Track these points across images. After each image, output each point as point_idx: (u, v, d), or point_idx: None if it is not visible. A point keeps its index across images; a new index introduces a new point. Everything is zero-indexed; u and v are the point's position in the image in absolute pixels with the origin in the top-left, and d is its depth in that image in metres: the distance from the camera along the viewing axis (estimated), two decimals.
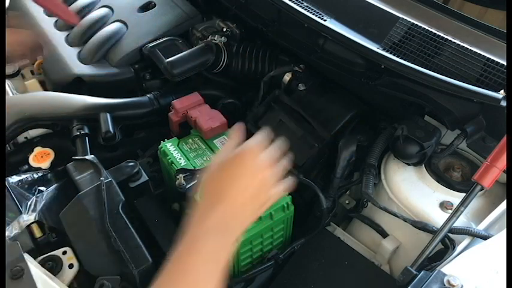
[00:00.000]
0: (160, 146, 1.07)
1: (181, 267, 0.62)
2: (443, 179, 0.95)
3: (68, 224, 0.87)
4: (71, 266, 0.82)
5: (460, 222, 0.85)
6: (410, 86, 0.94)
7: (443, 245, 0.85)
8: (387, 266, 0.99)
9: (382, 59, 0.93)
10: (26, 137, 1.16)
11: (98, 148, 1.10)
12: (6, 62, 1.44)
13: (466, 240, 0.80)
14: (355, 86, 1.10)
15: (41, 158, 1.08)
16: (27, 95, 1.27)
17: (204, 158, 1.04)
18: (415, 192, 0.94)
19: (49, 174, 0.99)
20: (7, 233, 0.83)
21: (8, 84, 1.33)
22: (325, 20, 1.01)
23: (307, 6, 1.06)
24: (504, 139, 0.80)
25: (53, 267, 0.81)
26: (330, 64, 1.08)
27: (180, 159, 1.03)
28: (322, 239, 1.01)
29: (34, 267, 0.74)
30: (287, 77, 1.20)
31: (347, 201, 1.11)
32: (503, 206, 0.84)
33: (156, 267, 0.83)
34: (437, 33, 0.95)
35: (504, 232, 0.74)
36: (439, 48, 0.93)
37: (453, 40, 0.93)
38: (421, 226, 0.88)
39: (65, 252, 0.83)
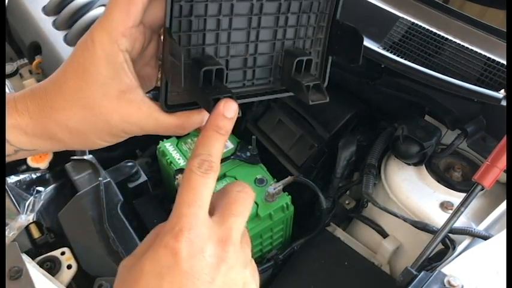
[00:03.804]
0: (159, 146, 1.07)
1: None
2: (444, 179, 0.95)
3: (67, 224, 0.87)
4: (69, 266, 0.82)
5: (461, 222, 0.84)
6: (411, 85, 0.93)
7: (443, 245, 0.84)
8: (387, 266, 0.99)
9: (382, 59, 0.92)
10: None
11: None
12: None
13: (467, 241, 0.80)
14: (355, 85, 1.09)
15: (40, 158, 1.07)
16: None
17: None
18: (415, 192, 0.94)
19: (47, 174, 0.99)
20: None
21: (7, 84, 1.32)
22: None
23: None
24: (504, 139, 0.79)
25: (52, 267, 0.81)
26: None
27: (179, 159, 1.03)
28: (322, 239, 1.00)
29: (32, 267, 0.74)
30: None
31: (347, 202, 1.11)
32: (503, 206, 0.84)
33: None
34: (438, 32, 0.95)
35: (504, 232, 0.74)
36: (440, 48, 0.93)
37: (453, 39, 0.93)
38: (422, 226, 0.88)
39: (63, 253, 0.83)
